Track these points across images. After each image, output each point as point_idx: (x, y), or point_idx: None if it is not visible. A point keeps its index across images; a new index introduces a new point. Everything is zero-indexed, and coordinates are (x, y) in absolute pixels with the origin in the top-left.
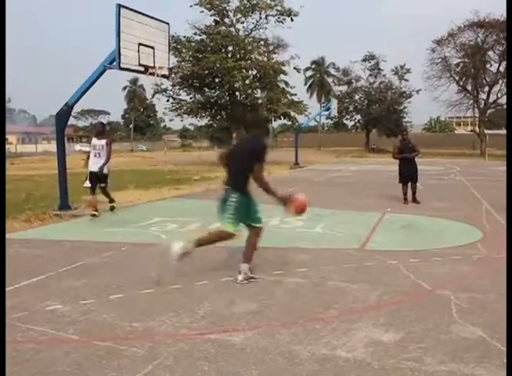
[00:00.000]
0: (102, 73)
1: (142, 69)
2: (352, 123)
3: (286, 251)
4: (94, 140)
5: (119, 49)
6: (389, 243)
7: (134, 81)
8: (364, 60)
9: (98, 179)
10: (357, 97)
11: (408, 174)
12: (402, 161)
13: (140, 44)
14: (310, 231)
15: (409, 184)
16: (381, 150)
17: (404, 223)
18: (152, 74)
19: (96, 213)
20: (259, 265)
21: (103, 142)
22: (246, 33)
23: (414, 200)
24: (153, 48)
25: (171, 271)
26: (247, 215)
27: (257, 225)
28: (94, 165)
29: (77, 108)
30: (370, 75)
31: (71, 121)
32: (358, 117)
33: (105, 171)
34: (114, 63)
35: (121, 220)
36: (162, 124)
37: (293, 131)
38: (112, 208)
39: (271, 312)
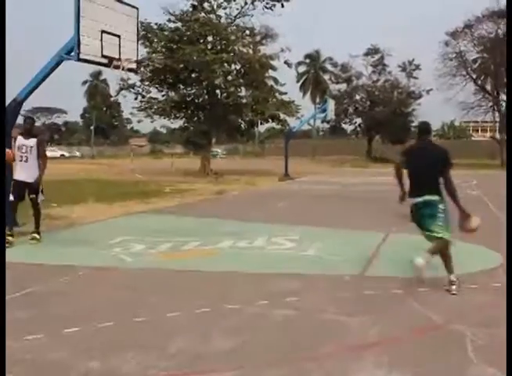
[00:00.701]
0: (58, 64)
1: (105, 61)
2: (352, 127)
3: (273, 278)
4: (20, 140)
5: (78, 37)
6: (394, 268)
7: (96, 75)
8: (366, 54)
9: (26, 190)
10: (358, 97)
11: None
12: None
13: (104, 31)
14: (301, 254)
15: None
16: (386, 160)
17: (411, 245)
18: (117, 67)
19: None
20: (240, 294)
21: (32, 142)
22: (229, 20)
23: None
24: (118, 36)
25: (134, 301)
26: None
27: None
28: (22, 173)
29: (26, 105)
30: (373, 72)
31: (19, 120)
32: (359, 120)
33: (35, 179)
34: (73, 53)
35: (79, 239)
36: (129, 126)
37: (283, 137)
38: (33, 238)
39: (254, 350)
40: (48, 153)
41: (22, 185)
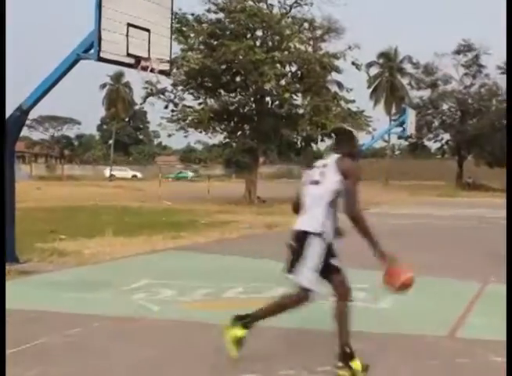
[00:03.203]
0: (72, 65)
1: (131, 61)
2: (438, 145)
3: (337, 336)
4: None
5: (99, 32)
6: (494, 329)
7: (117, 77)
8: (457, 53)
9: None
10: (445, 107)
11: None
12: None
13: (130, 25)
14: (373, 307)
15: None
16: (481, 187)
17: None
18: (145, 68)
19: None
20: (296, 357)
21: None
22: (284, 11)
23: None
24: (148, 30)
25: (161, 362)
26: None
27: None
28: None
29: (32, 114)
30: (466, 74)
31: (23, 131)
32: (447, 136)
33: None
34: (92, 52)
35: (93, 282)
36: (156, 141)
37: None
38: None
39: None
40: (117, 173)
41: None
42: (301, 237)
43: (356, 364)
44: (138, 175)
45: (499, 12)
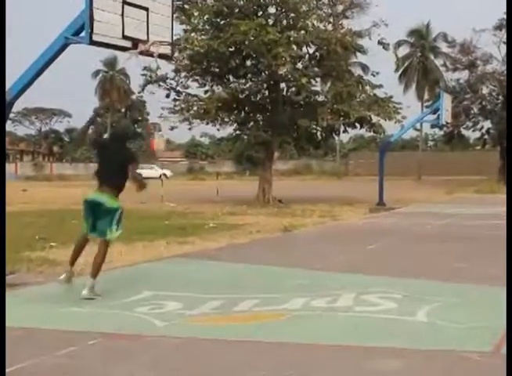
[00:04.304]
0: (62, 49)
1: (127, 44)
2: (477, 134)
3: (366, 353)
4: None
5: (91, 11)
6: None
7: (111, 63)
8: (498, 28)
9: None
10: (485, 91)
11: None
12: None
13: (126, 2)
14: (405, 319)
15: None
16: None
17: None
18: (144, 52)
19: None
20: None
21: None
22: None
23: None
24: (146, 9)
25: None
26: None
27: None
28: None
29: (16, 106)
30: None
31: (7, 126)
32: (488, 124)
33: None
34: (83, 34)
35: None
36: (157, 135)
37: (377, 149)
38: None
39: None
40: (143, 172)
41: None
42: None
43: None
44: (168, 173)
45: None
